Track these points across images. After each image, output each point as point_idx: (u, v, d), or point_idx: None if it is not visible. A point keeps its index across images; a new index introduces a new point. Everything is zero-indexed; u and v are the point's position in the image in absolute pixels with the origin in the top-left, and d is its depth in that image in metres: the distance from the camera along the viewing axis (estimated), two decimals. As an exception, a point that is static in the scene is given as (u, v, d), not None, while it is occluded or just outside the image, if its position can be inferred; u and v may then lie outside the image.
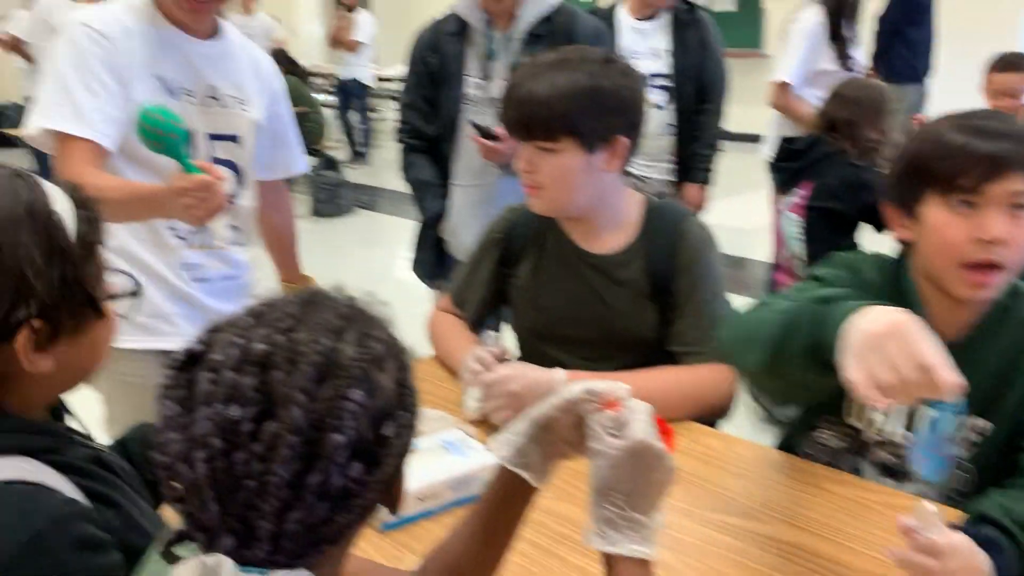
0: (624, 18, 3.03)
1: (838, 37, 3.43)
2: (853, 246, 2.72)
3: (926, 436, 0.93)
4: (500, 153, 2.06)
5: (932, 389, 0.87)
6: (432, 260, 2.41)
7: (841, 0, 3.42)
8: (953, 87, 4.98)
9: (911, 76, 4.84)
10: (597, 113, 1.47)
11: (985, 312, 1.23)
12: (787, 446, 1.45)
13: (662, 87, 2.99)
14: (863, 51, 3.58)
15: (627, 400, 0.83)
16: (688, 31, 2.97)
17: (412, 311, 1.27)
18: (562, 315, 1.65)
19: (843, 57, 3.45)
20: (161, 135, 1.37)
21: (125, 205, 1.46)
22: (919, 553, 0.96)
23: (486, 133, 2.07)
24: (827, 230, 2.80)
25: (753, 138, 3.86)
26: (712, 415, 1.56)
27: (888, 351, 0.89)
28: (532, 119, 1.47)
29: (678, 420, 1.48)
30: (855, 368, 0.91)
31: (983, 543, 1.02)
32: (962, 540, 0.98)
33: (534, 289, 1.68)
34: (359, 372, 0.63)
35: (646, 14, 2.99)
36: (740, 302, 1.36)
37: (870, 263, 1.32)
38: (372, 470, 0.63)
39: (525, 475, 0.85)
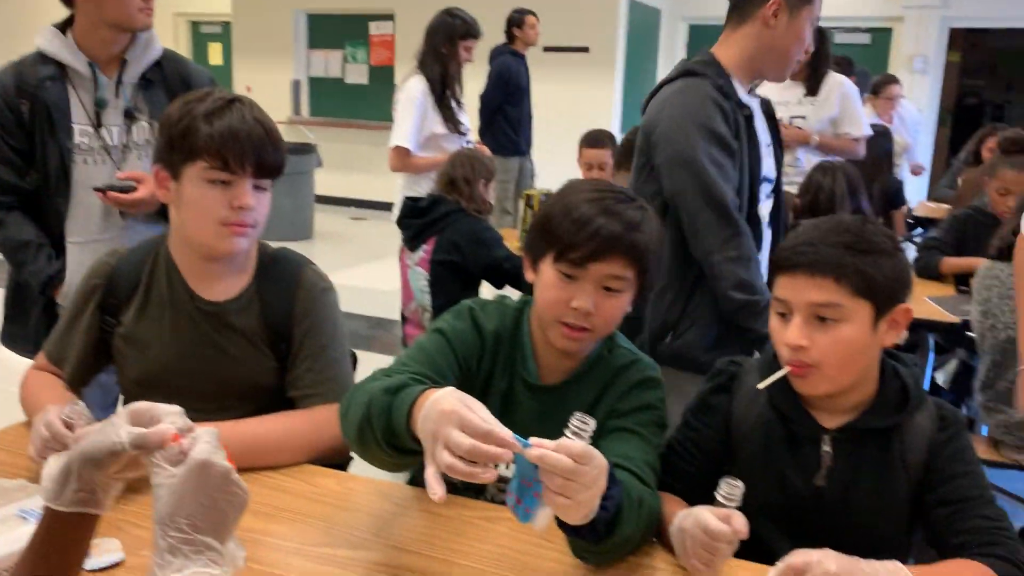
0: None
1: (444, 103, 3.74)
2: (476, 295, 2.92)
3: (514, 481, 1.03)
4: (138, 203, 1.95)
5: (498, 450, 0.96)
6: (38, 329, 2.13)
7: (443, 71, 3.74)
8: (558, 160, 5.63)
9: (514, 149, 5.40)
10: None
11: (584, 360, 1.39)
12: (417, 481, 1.49)
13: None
14: (467, 116, 3.94)
15: (190, 430, 0.81)
16: None
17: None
18: (174, 364, 1.56)
19: (451, 121, 3.77)
20: None
21: None
22: (562, 452, 0.98)
23: (117, 188, 1.94)
24: (450, 282, 2.98)
25: (389, 206, 4.07)
26: (333, 456, 1.55)
27: (444, 434, 0.98)
28: (261, 153, 1.50)
29: (296, 464, 1.47)
30: (433, 455, 1.00)
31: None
32: (599, 453, 1.02)
33: (141, 338, 1.57)
34: None
35: None
36: (381, 362, 1.39)
37: (491, 312, 1.42)
38: None
39: (88, 510, 0.80)
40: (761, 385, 1.30)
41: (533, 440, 0.99)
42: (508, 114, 5.21)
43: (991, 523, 1.23)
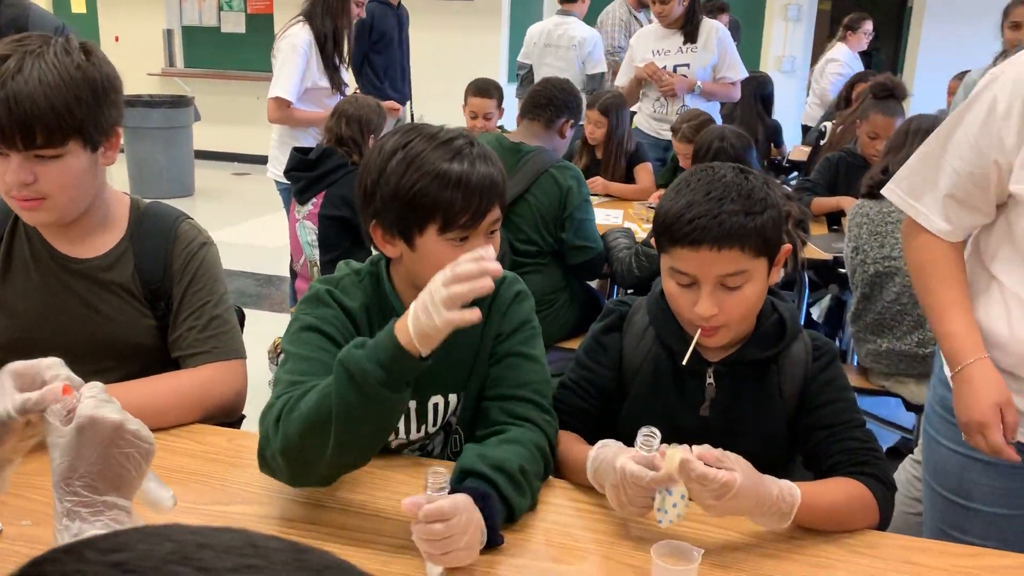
0: None
1: (329, 58, 3.62)
2: (367, 252, 2.88)
3: None
4: None
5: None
6: None
7: (333, 26, 3.60)
8: (446, 110, 5.56)
9: (383, 99, 5.28)
10: (99, 107, 1.35)
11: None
12: None
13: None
14: (348, 74, 3.82)
15: (80, 385, 0.78)
16: None
17: None
18: (42, 324, 1.48)
19: (335, 77, 3.64)
20: None
21: None
22: (428, 521, 1.03)
23: None
24: (339, 237, 2.93)
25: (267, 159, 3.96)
26: (223, 415, 1.52)
27: (433, 288, 1.10)
28: (31, 126, 1.29)
29: (186, 424, 1.43)
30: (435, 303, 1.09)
31: (476, 497, 1.12)
32: (462, 499, 1.08)
33: (6, 301, 1.49)
34: None
35: None
36: (271, 319, 1.34)
37: (348, 287, 1.34)
38: None
39: None
40: (683, 360, 1.32)
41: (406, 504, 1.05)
42: (374, 64, 5.08)
43: (861, 444, 1.32)
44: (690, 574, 1.06)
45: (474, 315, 1.09)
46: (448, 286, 1.07)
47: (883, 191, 1.51)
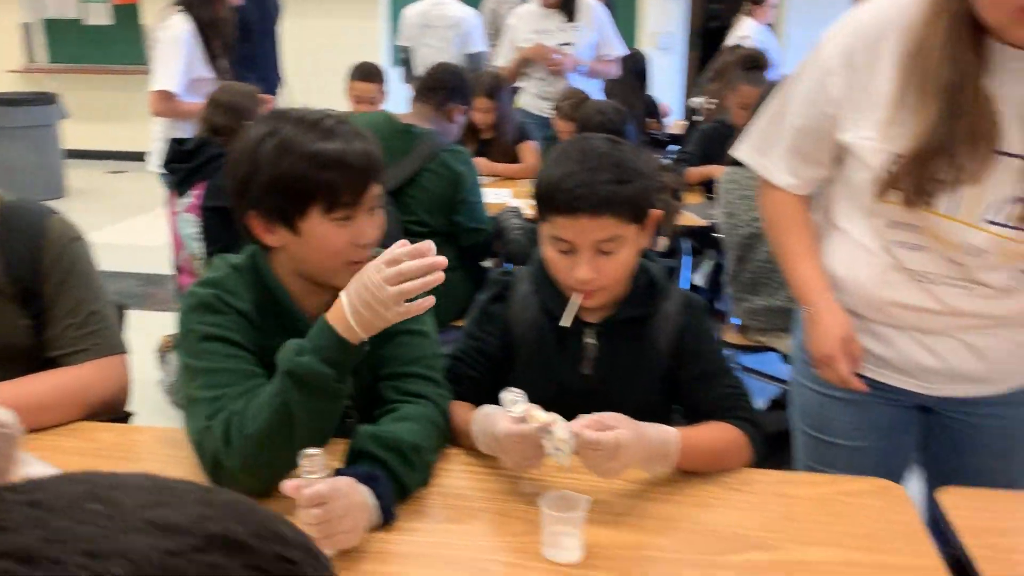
0: None
1: (212, 48, 3.53)
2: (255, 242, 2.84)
3: None
4: None
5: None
6: None
7: (212, 15, 3.51)
8: (329, 96, 5.48)
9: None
10: None
11: None
12: None
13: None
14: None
15: None
16: None
17: None
18: None
19: (220, 66, 3.56)
20: None
21: None
22: (307, 506, 1.05)
23: None
24: (221, 228, 2.87)
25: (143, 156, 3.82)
26: (107, 411, 1.50)
27: (368, 277, 1.18)
28: None
29: (70, 422, 1.40)
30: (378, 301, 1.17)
31: (364, 478, 1.16)
32: (341, 482, 1.10)
33: None
34: None
35: None
36: (157, 318, 1.33)
37: (233, 287, 1.32)
38: None
39: None
40: (564, 322, 1.37)
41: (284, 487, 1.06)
42: (240, 52, 4.98)
43: (732, 391, 1.42)
44: (577, 520, 1.13)
45: (427, 303, 1.17)
46: (392, 284, 1.13)
47: (736, 153, 1.60)
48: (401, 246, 1.17)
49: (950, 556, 1.22)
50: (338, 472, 1.15)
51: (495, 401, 1.33)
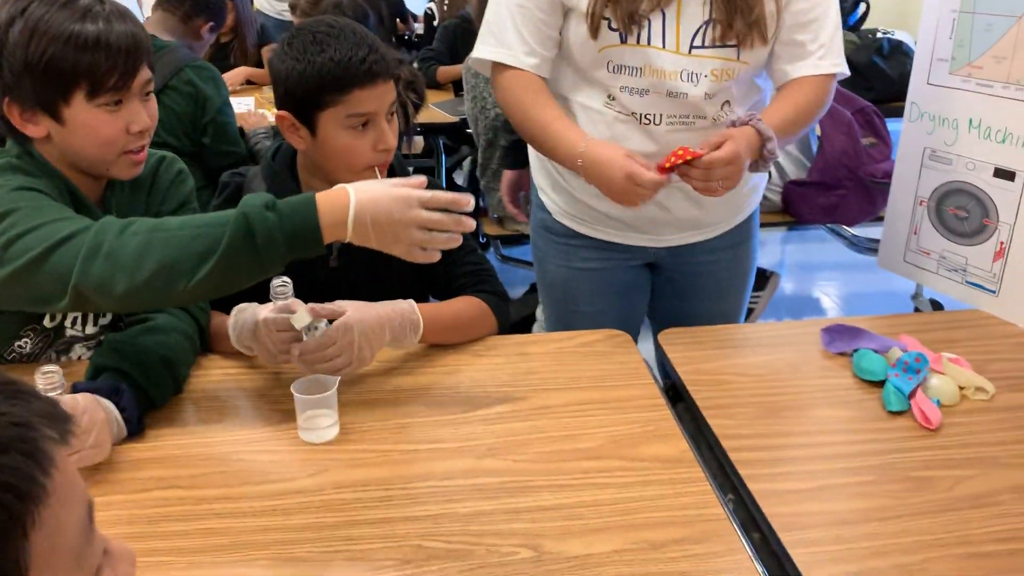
0: None
1: None
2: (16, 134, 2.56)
3: None
4: None
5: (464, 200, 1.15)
6: None
7: None
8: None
9: None
10: None
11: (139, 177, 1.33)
12: None
13: None
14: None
15: None
16: None
17: None
18: None
19: None
20: None
21: None
22: None
23: None
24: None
25: None
26: None
27: (412, 217, 1.13)
28: None
29: None
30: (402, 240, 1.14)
31: (106, 391, 1.12)
32: (80, 398, 1.07)
33: None
34: None
35: None
36: None
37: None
38: None
39: None
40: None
41: None
42: None
43: (478, 267, 1.50)
44: (329, 400, 1.16)
45: (434, 258, 1.13)
46: (420, 229, 1.10)
47: (476, 56, 1.58)
48: (421, 185, 1.12)
49: (669, 385, 1.39)
50: (76, 388, 1.12)
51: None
